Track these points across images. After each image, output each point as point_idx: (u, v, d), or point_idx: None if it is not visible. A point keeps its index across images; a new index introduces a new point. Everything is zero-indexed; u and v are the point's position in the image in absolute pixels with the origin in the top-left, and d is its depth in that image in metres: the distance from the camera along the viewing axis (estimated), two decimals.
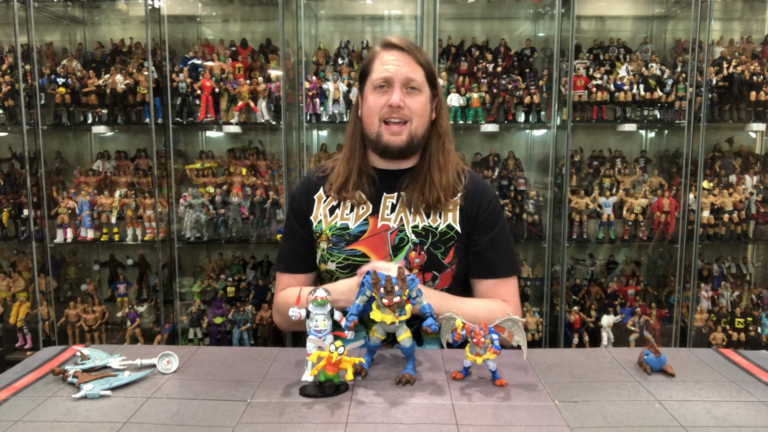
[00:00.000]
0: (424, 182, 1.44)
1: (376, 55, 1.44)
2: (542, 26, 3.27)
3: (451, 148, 1.50)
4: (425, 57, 1.44)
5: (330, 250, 1.46)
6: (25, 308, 3.14)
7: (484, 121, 3.00)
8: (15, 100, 3.01)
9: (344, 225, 1.47)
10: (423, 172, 1.45)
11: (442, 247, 1.43)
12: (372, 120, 1.43)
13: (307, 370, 1.12)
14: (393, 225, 1.44)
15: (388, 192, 1.48)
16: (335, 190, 1.48)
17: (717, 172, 3.07)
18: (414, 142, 1.42)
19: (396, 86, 1.39)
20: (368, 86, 1.44)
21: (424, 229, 1.44)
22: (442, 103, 1.50)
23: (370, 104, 1.43)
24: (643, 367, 1.17)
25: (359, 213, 1.47)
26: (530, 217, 3.02)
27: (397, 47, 1.42)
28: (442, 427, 0.93)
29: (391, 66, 1.40)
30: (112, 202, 3.05)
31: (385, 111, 1.40)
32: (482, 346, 1.07)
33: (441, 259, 1.43)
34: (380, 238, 1.43)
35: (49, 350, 1.28)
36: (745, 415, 0.98)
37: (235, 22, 3.38)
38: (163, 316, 3.08)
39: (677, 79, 2.94)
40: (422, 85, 1.42)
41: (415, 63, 1.41)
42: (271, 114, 3.01)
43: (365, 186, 1.47)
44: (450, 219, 1.45)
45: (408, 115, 1.40)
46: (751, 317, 3.00)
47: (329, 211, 1.50)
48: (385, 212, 1.46)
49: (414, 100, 1.41)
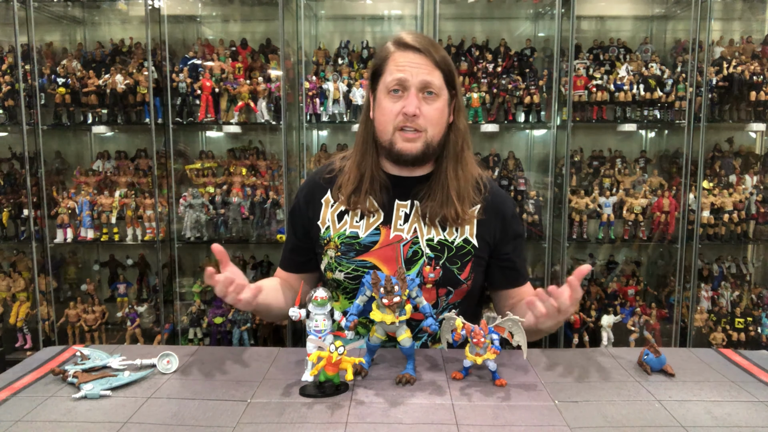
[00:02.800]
0: (441, 195, 1.34)
1: (390, 55, 1.33)
2: (542, 26, 3.27)
3: (469, 155, 1.40)
4: (442, 55, 1.32)
5: (338, 259, 1.38)
6: (25, 308, 3.14)
7: (484, 121, 3.00)
8: (15, 100, 3.01)
9: (354, 233, 1.38)
10: (440, 183, 1.35)
11: (459, 262, 1.36)
12: (386, 127, 1.33)
13: (307, 370, 1.12)
14: (406, 236, 1.36)
15: (401, 199, 1.39)
16: (345, 197, 1.38)
17: (717, 172, 3.06)
18: (429, 150, 1.33)
19: (412, 92, 1.29)
20: (381, 88, 1.34)
21: (440, 243, 1.36)
22: (461, 103, 1.39)
23: (383, 110, 1.33)
24: (643, 367, 1.17)
25: (370, 221, 1.38)
26: (530, 217, 3.02)
27: (413, 48, 1.30)
28: (442, 427, 0.93)
29: (406, 69, 1.29)
30: (112, 202, 3.05)
31: (400, 119, 1.30)
32: (482, 346, 1.07)
33: (457, 274, 1.35)
34: (392, 249, 1.35)
35: (49, 350, 1.28)
36: (745, 415, 0.98)
37: (235, 22, 3.38)
38: (163, 316, 3.08)
39: (677, 79, 2.94)
40: (440, 89, 1.31)
41: (432, 65, 1.30)
42: (271, 114, 3.01)
43: (377, 193, 1.38)
44: (467, 233, 1.38)
45: (423, 124, 1.30)
46: (751, 317, 3.00)
47: (338, 217, 1.41)
48: (398, 222, 1.38)
49: (431, 107, 1.31)
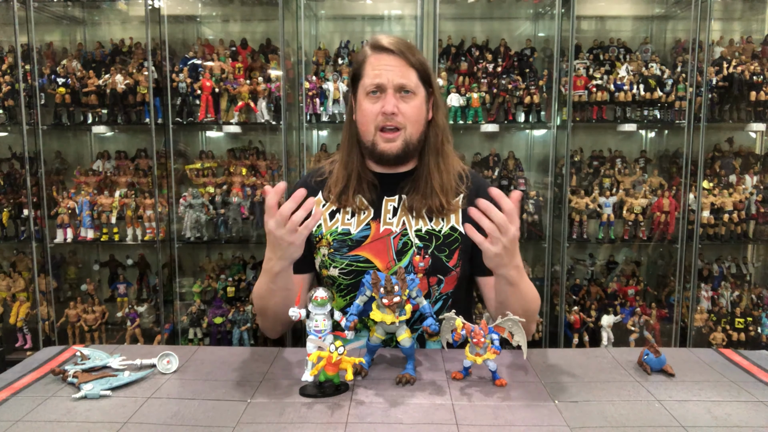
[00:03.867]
0: (425, 187, 1.42)
1: (367, 59, 1.40)
2: (542, 26, 3.27)
3: (449, 148, 1.47)
4: (418, 56, 1.39)
5: (332, 255, 1.44)
6: (25, 308, 3.14)
7: (484, 121, 3.00)
8: (15, 100, 3.01)
9: (346, 230, 1.44)
10: (423, 177, 1.43)
11: (447, 250, 1.42)
12: (367, 128, 1.40)
13: (307, 370, 1.12)
14: (396, 229, 1.43)
15: (389, 195, 1.46)
16: (335, 196, 1.46)
17: (717, 172, 3.06)
18: (410, 147, 1.40)
19: (389, 92, 1.36)
20: (360, 91, 1.41)
21: (428, 232, 1.42)
22: (439, 100, 1.46)
23: (364, 111, 1.40)
24: (643, 367, 1.17)
25: (360, 218, 1.45)
26: (530, 217, 3.02)
27: (388, 50, 1.37)
28: (442, 427, 0.93)
29: (383, 71, 1.36)
30: (112, 202, 3.05)
31: (380, 119, 1.37)
32: (482, 346, 1.07)
33: (446, 262, 1.41)
34: (383, 242, 1.42)
35: (49, 350, 1.28)
36: (745, 415, 0.98)
37: (235, 22, 3.38)
38: (163, 316, 3.08)
39: (677, 79, 2.94)
40: (416, 87, 1.39)
41: (407, 65, 1.37)
42: (271, 114, 3.01)
43: (365, 191, 1.45)
44: (453, 221, 1.44)
45: (402, 121, 1.38)
46: (751, 317, 2.99)
47: (329, 216, 1.48)
48: (387, 216, 1.45)
49: (408, 105, 1.38)
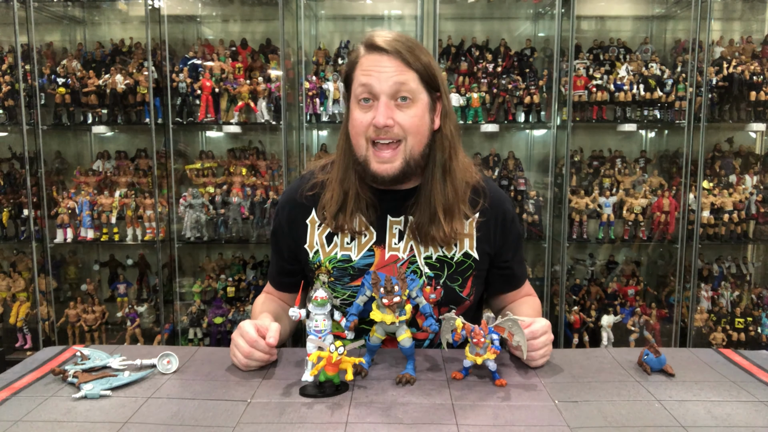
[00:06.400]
0: (428, 212, 1.22)
1: (358, 60, 1.18)
2: (542, 26, 3.27)
3: (457, 163, 1.25)
4: (419, 56, 1.16)
5: (332, 285, 1.27)
6: (25, 308, 3.14)
7: (484, 121, 3.00)
8: (15, 100, 3.01)
9: (346, 257, 1.27)
10: (426, 200, 1.22)
11: (460, 279, 1.27)
12: (358, 141, 1.19)
13: (307, 370, 1.12)
14: (403, 255, 1.25)
15: (393, 215, 1.27)
16: (331, 217, 1.26)
17: (717, 172, 3.06)
18: (411, 164, 1.19)
19: (382, 100, 1.14)
20: (352, 98, 1.20)
21: (439, 260, 1.26)
22: (447, 107, 1.23)
23: (354, 121, 1.18)
24: (643, 367, 1.17)
25: (362, 242, 1.27)
26: (530, 217, 3.02)
27: (380, 49, 1.15)
28: (442, 427, 0.93)
29: (374, 74, 1.14)
30: (112, 202, 3.05)
31: (372, 132, 1.16)
32: (482, 346, 1.07)
33: (459, 292, 1.27)
34: (389, 271, 1.24)
35: (49, 350, 1.28)
36: (745, 415, 0.98)
37: (235, 22, 3.38)
38: (163, 316, 3.08)
39: (677, 79, 2.94)
40: (416, 93, 1.16)
41: (405, 67, 1.14)
42: (271, 114, 3.01)
43: (364, 211, 1.24)
44: (467, 246, 1.27)
45: (400, 133, 1.16)
46: (751, 317, 3.00)
47: (326, 239, 1.28)
48: (393, 241, 1.26)
49: (406, 114, 1.15)
